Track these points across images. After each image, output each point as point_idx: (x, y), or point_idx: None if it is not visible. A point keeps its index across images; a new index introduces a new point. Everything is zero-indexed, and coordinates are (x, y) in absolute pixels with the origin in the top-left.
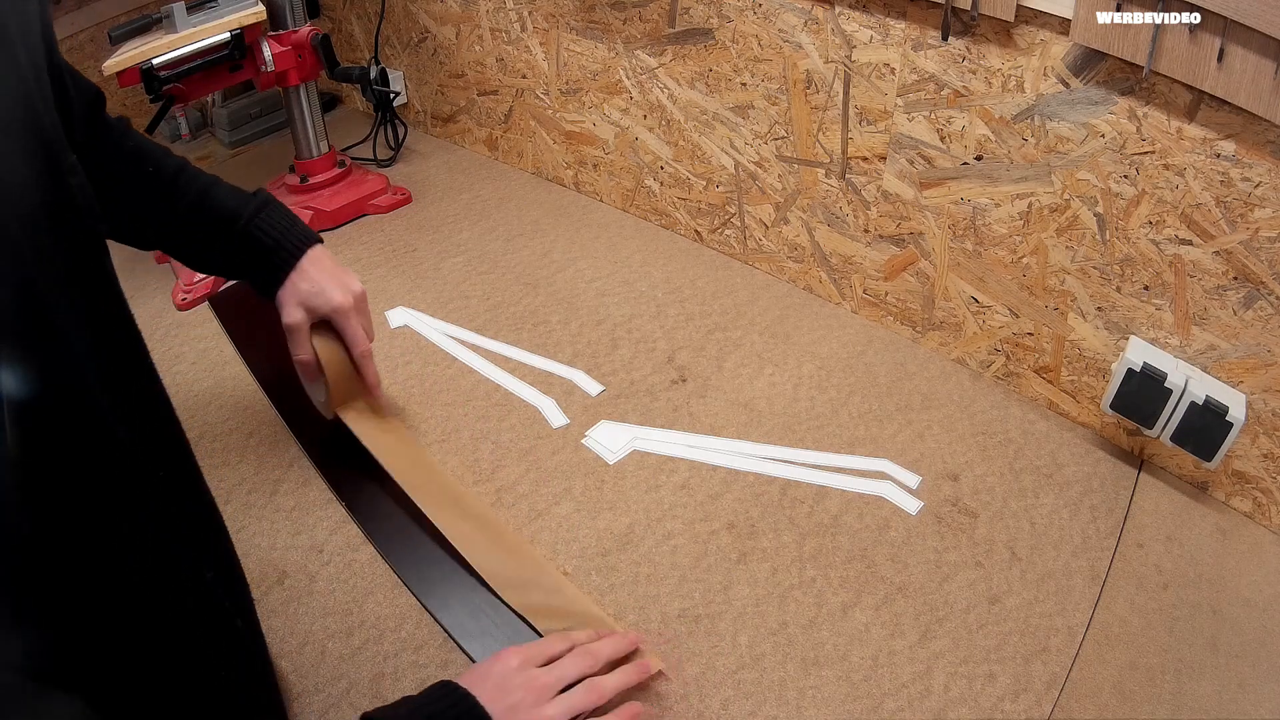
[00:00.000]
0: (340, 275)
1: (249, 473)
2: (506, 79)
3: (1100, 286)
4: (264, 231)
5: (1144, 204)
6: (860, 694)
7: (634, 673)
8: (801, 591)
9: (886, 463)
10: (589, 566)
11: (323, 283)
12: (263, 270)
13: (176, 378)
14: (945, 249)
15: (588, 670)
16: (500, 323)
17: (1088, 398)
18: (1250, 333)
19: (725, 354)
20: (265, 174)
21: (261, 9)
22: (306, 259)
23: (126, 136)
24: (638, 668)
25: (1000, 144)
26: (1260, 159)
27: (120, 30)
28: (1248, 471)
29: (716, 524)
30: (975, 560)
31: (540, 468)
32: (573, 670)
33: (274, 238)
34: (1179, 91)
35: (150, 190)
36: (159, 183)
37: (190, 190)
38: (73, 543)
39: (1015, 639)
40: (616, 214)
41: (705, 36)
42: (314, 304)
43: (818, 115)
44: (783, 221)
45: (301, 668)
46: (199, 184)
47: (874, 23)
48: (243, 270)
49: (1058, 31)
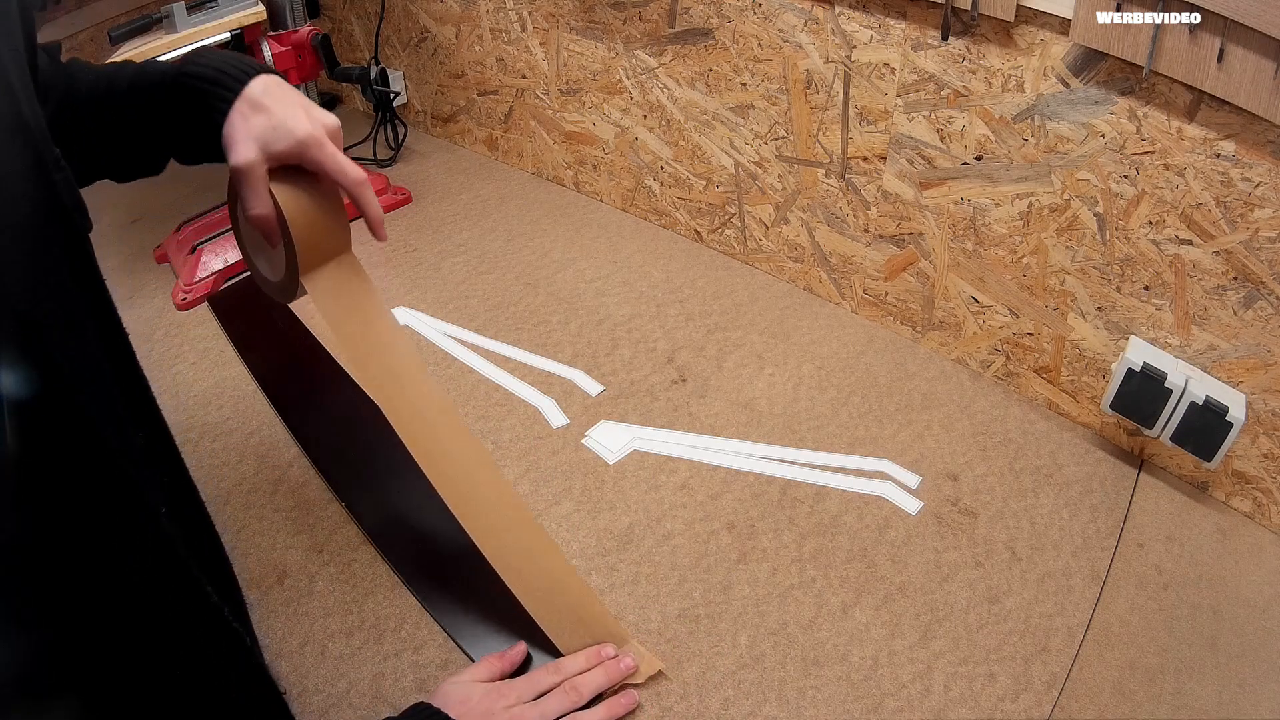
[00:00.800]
0: (305, 103)
1: (249, 473)
2: (506, 79)
3: (1100, 286)
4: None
5: (1144, 204)
6: (860, 694)
7: (619, 709)
8: (801, 591)
9: (886, 463)
10: (589, 566)
11: (281, 113)
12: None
13: (176, 377)
14: (945, 249)
15: (572, 707)
16: (500, 323)
17: (1088, 398)
18: (1250, 333)
19: (725, 354)
20: None
21: (261, 9)
22: (256, 85)
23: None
24: (624, 701)
25: (1000, 144)
26: (1260, 159)
27: (120, 30)
28: (1248, 471)
29: (716, 524)
30: (975, 560)
31: (540, 468)
32: (558, 707)
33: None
34: (1179, 91)
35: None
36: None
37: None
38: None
39: (1015, 639)
40: (616, 214)
41: (705, 36)
42: (271, 139)
43: (818, 115)
44: (783, 221)
45: (301, 668)
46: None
47: (874, 23)
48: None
49: (1058, 31)
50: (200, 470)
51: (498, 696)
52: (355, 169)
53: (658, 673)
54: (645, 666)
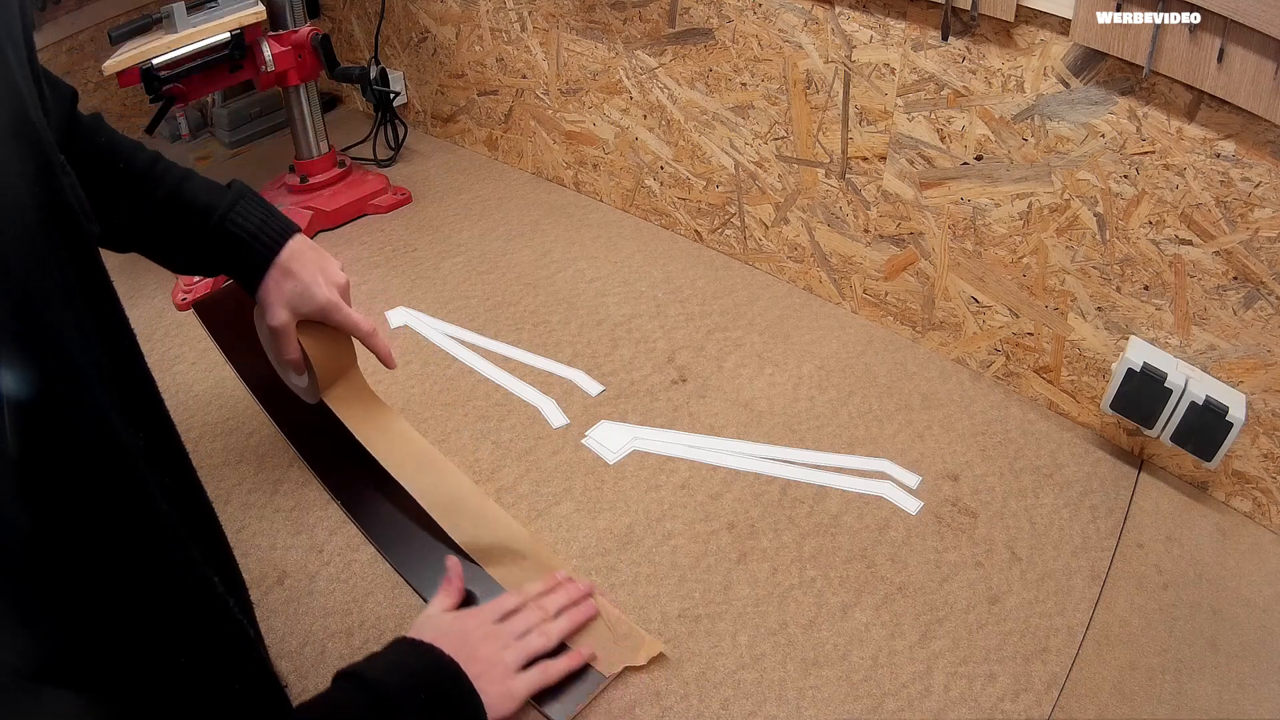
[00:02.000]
0: (323, 267)
1: (249, 473)
2: (506, 79)
3: (1100, 286)
4: (240, 226)
5: (1144, 204)
6: (860, 694)
7: (580, 615)
8: (801, 591)
9: (886, 463)
10: (589, 566)
11: (306, 279)
12: (242, 266)
13: (176, 378)
14: (945, 249)
15: (539, 621)
16: (500, 323)
17: (1088, 398)
18: (1250, 333)
19: (725, 354)
20: (265, 174)
21: (261, 9)
22: (286, 253)
23: (98, 132)
24: (584, 609)
25: (1000, 144)
26: (1260, 159)
27: (120, 30)
28: (1248, 471)
29: (716, 524)
30: (975, 560)
31: (540, 468)
32: (525, 623)
33: (250, 231)
34: (1179, 91)
35: (123, 187)
36: (131, 179)
37: (163, 185)
38: (73, 543)
39: (1015, 639)
40: (616, 214)
41: (705, 36)
42: (299, 304)
43: (818, 115)
44: (783, 221)
45: (301, 668)
46: (171, 178)
47: (874, 23)
48: (221, 267)
49: (1058, 31)
50: (200, 470)
51: (469, 619)
52: (365, 322)
53: (658, 655)
54: (646, 648)
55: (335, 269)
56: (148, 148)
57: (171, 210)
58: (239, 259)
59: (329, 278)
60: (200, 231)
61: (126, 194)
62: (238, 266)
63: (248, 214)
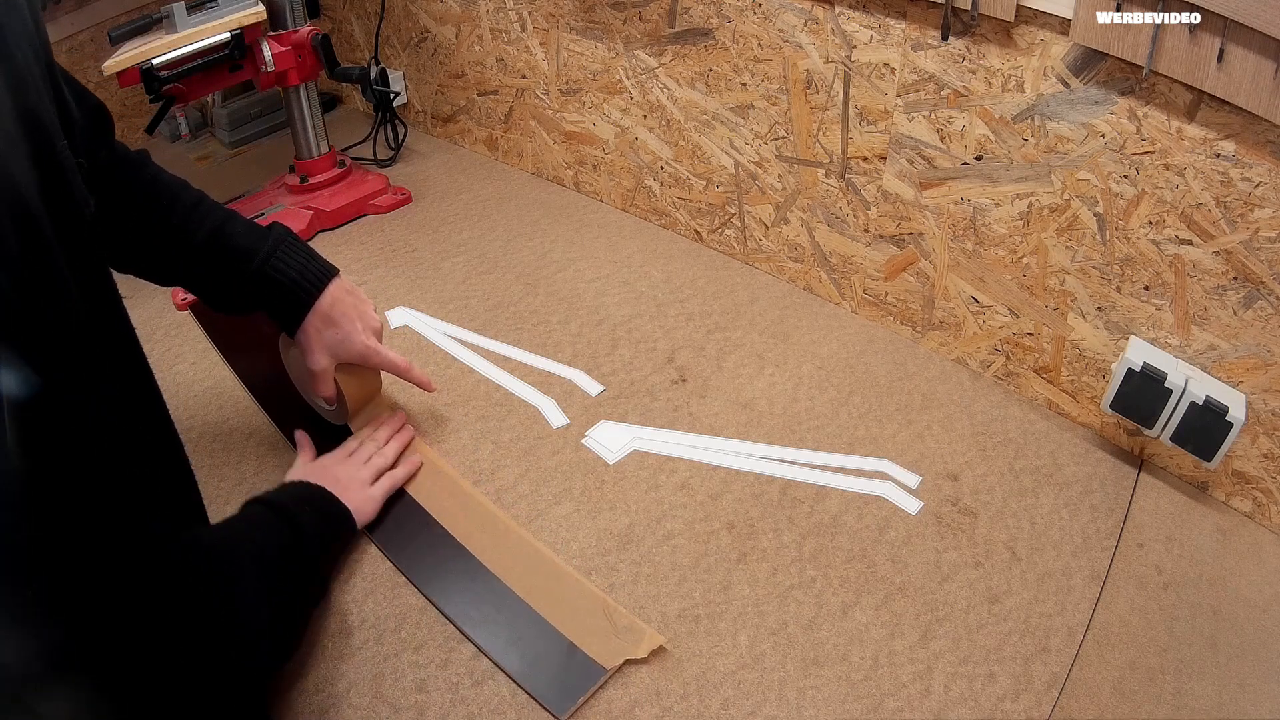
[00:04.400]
0: (361, 312)
1: (249, 473)
2: (506, 79)
3: (1100, 286)
4: (281, 272)
5: (1144, 204)
6: (860, 694)
7: (405, 436)
8: (801, 591)
9: (886, 463)
10: (589, 566)
11: (346, 329)
12: (282, 310)
13: (176, 378)
14: (945, 249)
15: (376, 449)
16: (500, 323)
17: (1088, 398)
18: (1250, 333)
19: (725, 354)
20: (265, 174)
21: (261, 9)
22: (326, 299)
23: (143, 169)
24: (405, 433)
25: (1000, 144)
26: (1260, 159)
27: (120, 30)
28: (1248, 471)
29: (716, 524)
30: (975, 560)
31: (540, 468)
32: (366, 451)
33: (291, 277)
34: (1179, 91)
35: (165, 226)
36: (174, 218)
37: (205, 226)
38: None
39: (1015, 639)
40: (616, 214)
41: (705, 36)
42: (339, 352)
43: (818, 115)
44: (783, 221)
45: (301, 668)
46: (214, 220)
47: (874, 23)
48: (260, 308)
49: (1058, 31)
50: (200, 470)
51: (326, 459)
52: (401, 361)
53: (659, 648)
54: (647, 640)
55: (371, 313)
56: (192, 186)
57: (213, 252)
58: (280, 303)
59: (366, 323)
60: (241, 274)
61: (168, 232)
62: (278, 310)
63: (289, 259)
